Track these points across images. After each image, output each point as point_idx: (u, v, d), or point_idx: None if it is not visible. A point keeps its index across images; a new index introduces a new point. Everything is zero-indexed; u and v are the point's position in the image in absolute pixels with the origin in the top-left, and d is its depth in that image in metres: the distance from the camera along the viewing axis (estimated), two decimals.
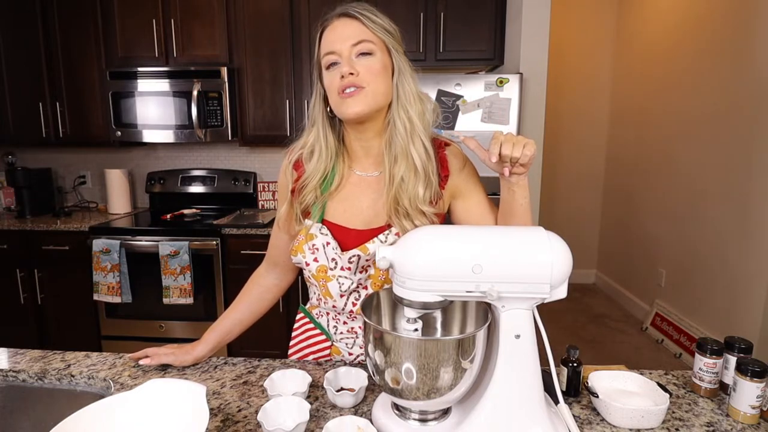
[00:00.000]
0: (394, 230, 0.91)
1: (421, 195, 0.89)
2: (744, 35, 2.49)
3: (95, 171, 3.18)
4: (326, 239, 0.93)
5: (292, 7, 2.59)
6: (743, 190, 2.49)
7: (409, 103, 0.89)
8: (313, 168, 0.93)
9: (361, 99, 0.85)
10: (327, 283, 0.94)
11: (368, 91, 0.85)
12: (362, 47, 0.85)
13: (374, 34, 0.86)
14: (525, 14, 2.55)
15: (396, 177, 0.89)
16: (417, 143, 0.89)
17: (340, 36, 0.85)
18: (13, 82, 2.76)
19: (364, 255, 0.92)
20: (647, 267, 3.44)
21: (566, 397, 0.88)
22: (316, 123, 0.93)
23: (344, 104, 0.85)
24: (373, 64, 0.85)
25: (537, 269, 0.69)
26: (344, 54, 0.84)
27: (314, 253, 0.93)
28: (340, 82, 0.84)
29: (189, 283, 2.44)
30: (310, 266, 0.94)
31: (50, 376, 0.97)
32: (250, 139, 2.74)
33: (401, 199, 0.89)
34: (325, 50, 0.86)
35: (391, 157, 0.91)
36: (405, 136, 0.89)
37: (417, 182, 0.89)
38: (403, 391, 0.72)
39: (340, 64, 0.85)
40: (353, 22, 0.85)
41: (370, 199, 0.94)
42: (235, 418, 0.82)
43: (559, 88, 3.93)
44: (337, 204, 0.95)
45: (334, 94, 0.86)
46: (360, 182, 0.96)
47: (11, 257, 2.61)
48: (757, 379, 0.79)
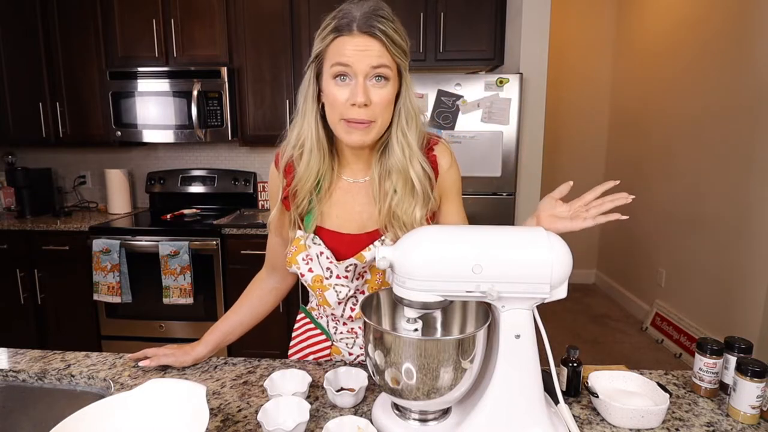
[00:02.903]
0: (389, 237, 0.90)
1: (418, 217, 0.88)
2: (744, 35, 2.49)
3: (95, 171, 3.18)
4: (319, 249, 0.92)
5: (292, 7, 2.59)
6: (743, 190, 2.49)
7: (408, 126, 0.87)
8: (304, 170, 0.89)
9: (367, 132, 0.83)
10: (324, 293, 0.93)
11: (377, 125, 0.83)
12: (380, 71, 0.80)
13: (393, 58, 0.81)
14: (525, 14, 2.55)
15: (389, 191, 0.88)
16: (416, 166, 0.88)
17: (359, 55, 0.78)
18: (13, 82, 2.75)
19: (360, 263, 0.91)
20: (647, 267, 3.44)
21: (566, 397, 0.88)
22: (307, 117, 0.88)
23: (350, 134, 0.83)
24: (385, 95, 0.82)
25: (537, 269, 0.69)
26: (359, 74, 0.79)
27: (308, 263, 0.93)
28: (350, 108, 0.80)
29: (189, 283, 2.44)
30: (305, 276, 0.94)
31: (50, 376, 0.97)
32: (250, 139, 2.74)
33: (396, 213, 0.88)
34: (338, 59, 0.79)
35: (384, 171, 0.89)
36: (403, 159, 0.87)
37: (414, 203, 0.88)
38: (403, 391, 0.72)
39: (353, 84, 0.80)
40: (375, 43, 0.79)
41: (362, 204, 0.93)
42: (235, 418, 0.82)
43: (559, 88, 3.93)
44: (329, 209, 0.94)
45: (338, 114, 0.82)
46: (350, 188, 0.94)
47: (11, 257, 2.61)
48: (757, 379, 0.79)
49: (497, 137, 2.44)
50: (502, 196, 2.51)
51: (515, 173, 2.49)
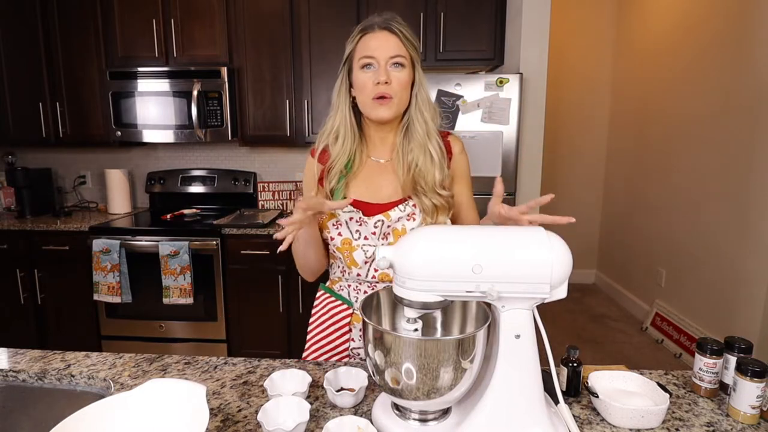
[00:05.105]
0: (411, 202, 1.05)
1: (438, 179, 1.04)
2: (744, 35, 2.50)
3: (95, 171, 3.18)
4: (349, 214, 1.06)
5: (292, 7, 2.59)
6: (743, 189, 2.49)
7: (426, 108, 1.06)
8: (339, 150, 1.07)
9: (389, 107, 1.02)
10: (352, 253, 1.06)
11: (395, 101, 1.02)
12: (397, 60, 1.01)
13: (407, 50, 1.02)
14: (525, 14, 2.55)
15: (413, 164, 1.05)
16: (433, 140, 1.06)
17: (381, 46, 1.00)
18: (13, 82, 2.75)
19: (387, 220, 1.05)
20: (647, 267, 3.44)
21: (566, 397, 0.88)
22: (340, 109, 1.07)
23: (376, 109, 1.02)
24: (402, 77, 1.02)
25: (537, 269, 0.69)
26: (381, 62, 1.00)
27: (338, 228, 1.06)
28: (375, 87, 1.00)
29: (189, 283, 2.44)
30: (334, 240, 1.06)
31: (50, 376, 0.97)
32: (250, 139, 2.74)
33: (419, 181, 1.04)
34: (365, 53, 1.01)
35: (408, 148, 1.06)
36: (423, 135, 1.06)
37: (434, 168, 1.05)
38: (403, 391, 0.72)
39: (377, 70, 1.00)
40: (393, 37, 1.01)
41: (387, 180, 1.09)
42: (235, 418, 0.82)
43: (559, 88, 3.93)
44: (359, 183, 1.09)
45: (367, 95, 1.01)
46: (376, 166, 1.11)
47: (11, 257, 2.61)
48: (757, 379, 0.79)
49: (497, 137, 2.44)
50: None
51: (515, 173, 2.49)
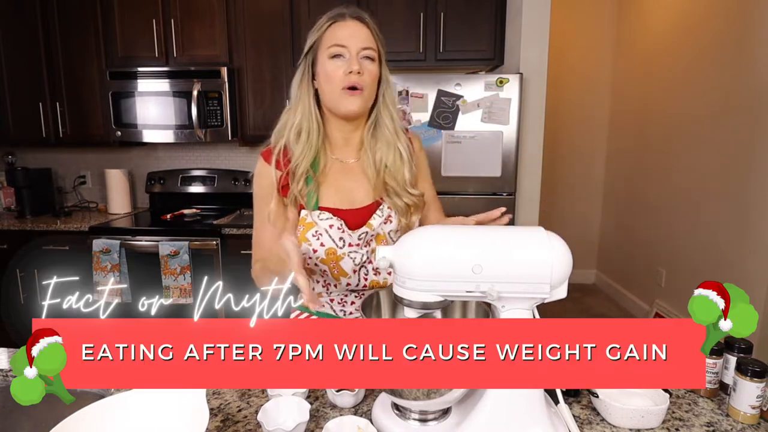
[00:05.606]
0: (385, 204, 1.01)
1: (408, 177, 1.02)
2: (744, 35, 2.49)
3: (95, 171, 3.17)
4: (328, 222, 0.98)
5: (292, 7, 2.59)
6: (743, 189, 2.49)
7: (393, 106, 1.03)
8: (303, 147, 0.99)
9: (359, 99, 0.95)
10: (339, 262, 0.99)
11: (365, 94, 0.96)
12: (368, 53, 0.96)
13: (377, 45, 0.98)
14: (525, 14, 2.55)
15: (382, 164, 1.01)
16: (401, 137, 1.03)
17: (353, 35, 0.94)
18: (13, 82, 2.75)
19: (370, 231, 1.00)
20: (647, 267, 3.44)
21: (566, 397, 0.88)
22: (302, 101, 1.00)
23: (345, 100, 0.95)
24: (374, 70, 0.97)
25: (537, 269, 0.69)
26: (353, 52, 0.94)
27: (319, 238, 0.98)
28: (345, 77, 0.93)
29: (189, 283, 2.44)
30: (317, 252, 0.98)
31: None
32: (250, 139, 2.74)
33: (389, 182, 1.01)
34: (334, 41, 0.94)
35: (376, 147, 1.02)
36: (392, 133, 1.02)
37: (404, 167, 1.02)
38: (403, 391, 0.72)
39: (348, 59, 0.93)
40: (365, 28, 0.96)
41: (357, 182, 1.03)
42: (235, 418, 0.82)
43: (559, 88, 3.93)
44: (327, 189, 1.02)
45: (336, 85, 0.94)
46: (342, 168, 1.04)
47: (11, 257, 2.61)
48: (757, 379, 0.79)
49: (497, 137, 2.44)
50: (502, 196, 2.51)
51: (515, 173, 2.49)
